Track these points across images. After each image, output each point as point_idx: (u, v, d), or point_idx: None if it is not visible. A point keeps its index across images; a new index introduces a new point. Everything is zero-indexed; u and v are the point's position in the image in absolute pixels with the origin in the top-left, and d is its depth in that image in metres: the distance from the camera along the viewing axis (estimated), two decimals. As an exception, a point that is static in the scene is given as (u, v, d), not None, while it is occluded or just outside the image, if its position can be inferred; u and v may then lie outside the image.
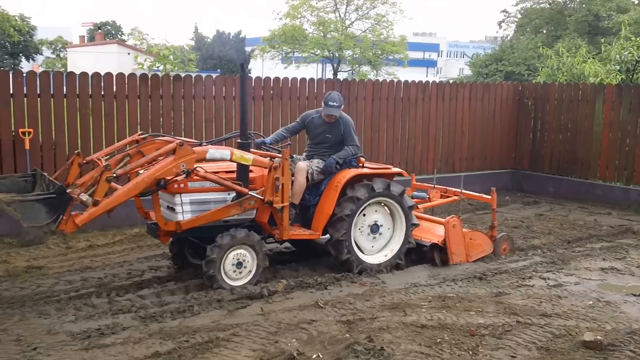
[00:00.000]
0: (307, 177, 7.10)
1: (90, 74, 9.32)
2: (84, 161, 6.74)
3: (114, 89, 9.49)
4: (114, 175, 5.93)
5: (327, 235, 7.18)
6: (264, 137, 7.62)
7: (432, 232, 7.85)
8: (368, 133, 12.03)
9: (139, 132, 7.82)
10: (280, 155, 6.80)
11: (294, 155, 7.64)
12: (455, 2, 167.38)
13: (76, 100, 9.23)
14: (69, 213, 5.76)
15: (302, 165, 7.14)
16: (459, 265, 7.59)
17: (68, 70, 9.66)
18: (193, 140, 7.27)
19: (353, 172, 7.24)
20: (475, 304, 6.22)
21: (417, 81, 12.83)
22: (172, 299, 6.23)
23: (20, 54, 53.58)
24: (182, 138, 6.78)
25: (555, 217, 11.00)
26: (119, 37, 62.32)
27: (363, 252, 7.34)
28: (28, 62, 54.43)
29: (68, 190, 5.80)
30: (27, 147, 8.72)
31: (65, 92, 9.16)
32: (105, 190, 5.92)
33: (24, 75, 9.07)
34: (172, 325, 5.53)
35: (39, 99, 8.99)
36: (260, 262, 6.65)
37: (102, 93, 9.41)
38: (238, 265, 6.52)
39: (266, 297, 6.27)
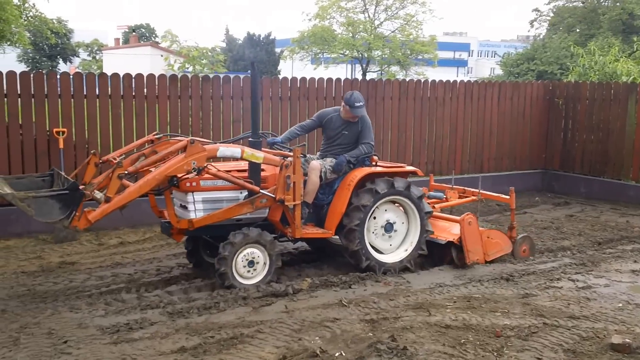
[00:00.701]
0: (320, 176, 7.08)
1: (121, 75, 9.51)
2: (100, 161, 6.83)
3: (145, 90, 9.66)
4: (126, 172, 6.01)
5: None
6: (275, 136, 7.59)
7: (448, 231, 7.75)
8: (395, 133, 12.03)
9: (154, 132, 7.88)
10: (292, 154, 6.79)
11: (308, 155, 7.63)
12: (487, 1, 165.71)
13: (108, 101, 9.42)
14: (81, 209, 5.87)
15: (316, 164, 7.11)
16: (485, 266, 7.53)
17: (103, 72, 9.86)
18: (205, 139, 7.30)
19: (365, 170, 7.19)
20: (502, 305, 6.17)
21: (444, 80, 12.79)
22: (199, 295, 6.32)
23: (58, 56, 54.61)
24: (195, 137, 6.77)
25: (586, 219, 10.87)
26: (153, 39, 63.06)
27: (383, 253, 7.32)
28: (65, 64, 55.41)
29: (80, 187, 5.89)
30: (61, 146, 8.93)
31: (97, 93, 9.36)
32: (117, 187, 6.00)
33: (58, 76, 9.29)
34: (198, 321, 5.61)
35: (72, 99, 9.19)
36: (271, 251, 6.61)
37: (133, 94, 9.58)
38: (250, 264, 6.52)
39: (291, 295, 6.31)
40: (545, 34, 47.26)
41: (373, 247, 7.24)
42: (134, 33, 63.84)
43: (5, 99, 8.79)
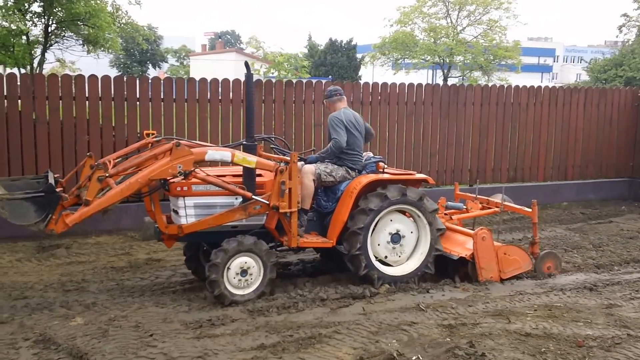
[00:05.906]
0: (313, 180, 6.72)
1: (209, 80, 9.83)
2: (96, 163, 6.19)
3: (231, 94, 9.94)
4: (107, 175, 5.77)
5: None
6: (284, 141, 7.34)
7: (463, 245, 7.27)
8: (476, 138, 11.91)
9: (153, 135, 7.58)
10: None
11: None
12: (574, 6, 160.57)
13: (196, 105, 9.76)
14: (58, 212, 5.65)
15: (309, 168, 6.75)
16: (567, 275, 7.36)
17: (191, 77, 10.22)
18: (197, 142, 7.10)
19: (370, 177, 6.85)
20: (584, 315, 6.01)
21: (528, 86, 12.56)
22: (278, 294, 6.40)
23: (148, 62, 56.75)
24: (182, 140, 6.56)
25: (675, 229, 10.41)
26: (238, 45, 64.55)
27: (404, 263, 7.02)
28: (154, 69, 57.49)
29: (59, 189, 5.75)
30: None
31: (186, 97, 9.71)
32: (96, 190, 5.76)
33: (150, 81, 9.70)
34: (278, 319, 5.72)
35: (162, 103, 9.59)
36: (266, 262, 6.27)
37: (220, 98, 9.88)
38: (243, 273, 6.20)
39: (368, 297, 6.35)
40: (634, 40, 45.37)
41: (387, 265, 6.93)
42: (219, 39, 65.57)
43: (100, 102, 9.25)
